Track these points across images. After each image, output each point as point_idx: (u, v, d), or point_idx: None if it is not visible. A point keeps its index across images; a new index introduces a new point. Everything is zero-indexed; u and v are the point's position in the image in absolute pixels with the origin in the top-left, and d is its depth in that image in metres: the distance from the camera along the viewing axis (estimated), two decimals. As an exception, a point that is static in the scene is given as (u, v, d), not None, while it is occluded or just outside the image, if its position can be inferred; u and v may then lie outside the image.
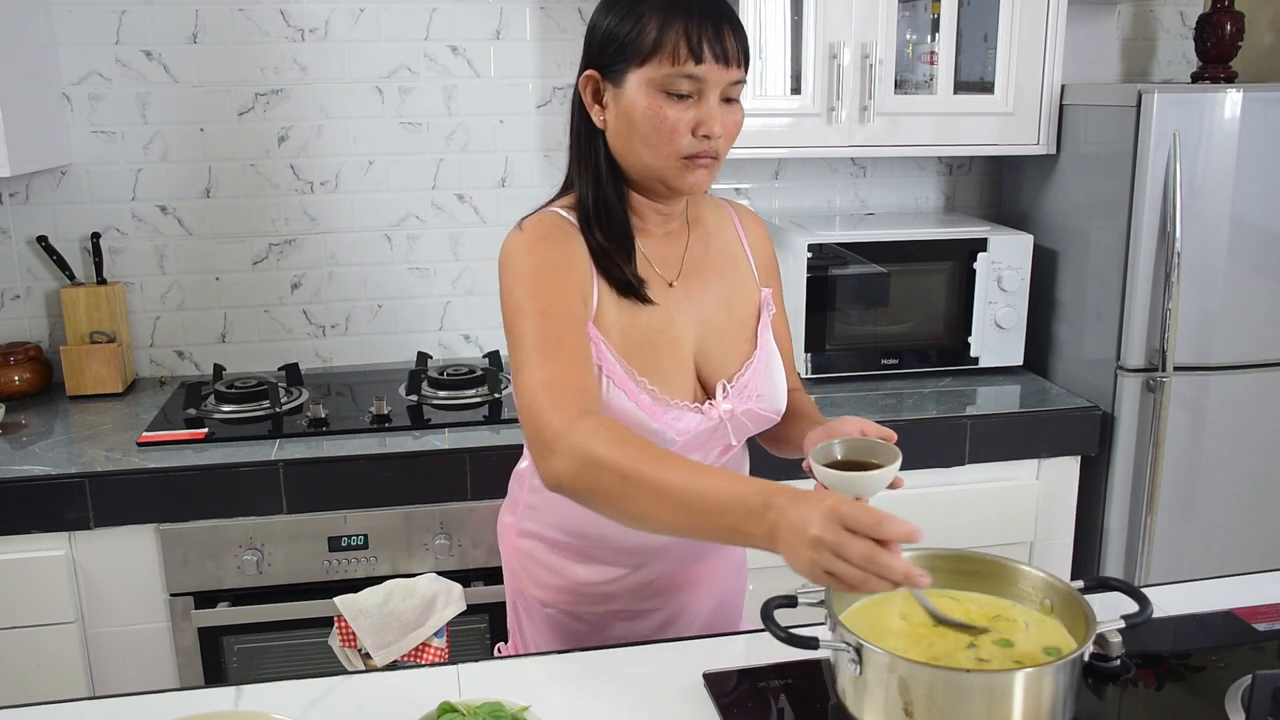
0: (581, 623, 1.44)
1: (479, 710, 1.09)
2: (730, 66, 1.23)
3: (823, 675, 1.21)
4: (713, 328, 1.37)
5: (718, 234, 1.43)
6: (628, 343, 1.29)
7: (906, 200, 2.81)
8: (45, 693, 1.90)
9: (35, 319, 2.47)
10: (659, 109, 1.22)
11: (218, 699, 1.23)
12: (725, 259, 1.42)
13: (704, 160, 1.25)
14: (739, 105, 1.28)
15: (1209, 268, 2.25)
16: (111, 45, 2.37)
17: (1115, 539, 2.37)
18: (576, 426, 1.12)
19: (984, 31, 2.46)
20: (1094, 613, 1.10)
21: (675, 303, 1.34)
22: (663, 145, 1.24)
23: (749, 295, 1.42)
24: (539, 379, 1.18)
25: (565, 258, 1.27)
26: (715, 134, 1.23)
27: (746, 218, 1.48)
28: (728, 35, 1.22)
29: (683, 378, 1.33)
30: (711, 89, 1.23)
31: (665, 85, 1.22)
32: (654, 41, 1.21)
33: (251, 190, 2.49)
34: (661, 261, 1.36)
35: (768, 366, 1.39)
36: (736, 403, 1.34)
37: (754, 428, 1.40)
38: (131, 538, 1.98)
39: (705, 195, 1.45)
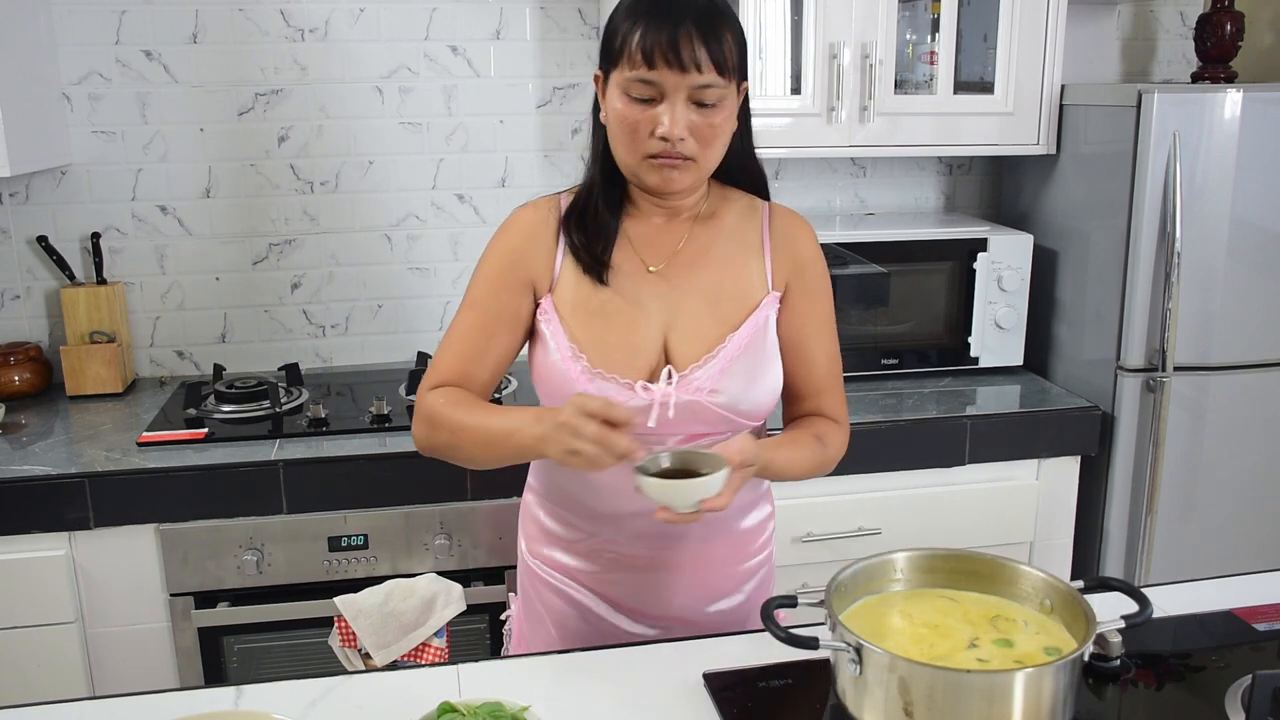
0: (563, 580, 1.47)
1: (479, 710, 1.10)
2: (688, 72, 1.25)
3: (823, 675, 1.21)
4: (687, 317, 1.38)
5: (732, 232, 1.43)
6: (580, 313, 1.37)
7: (906, 200, 2.81)
8: (45, 693, 1.89)
9: (35, 319, 2.47)
10: (624, 111, 1.29)
11: (218, 699, 1.23)
12: (731, 255, 1.42)
13: (670, 160, 1.30)
14: (719, 108, 1.30)
15: (1209, 268, 2.25)
16: (111, 45, 2.37)
17: (1115, 539, 2.37)
18: (426, 398, 1.37)
19: (984, 31, 2.46)
20: (1094, 613, 1.10)
21: (648, 288, 1.38)
22: (628, 145, 1.31)
23: (746, 293, 1.41)
24: (435, 364, 1.41)
25: (521, 251, 1.40)
26: (673, 136, 1.27)
27: (781, 221, 1.46)
28: (685, 42, 1.24)
29: (628, 355, 1.35)
30: (671, 93, 1.27)
31: (627, 89, 1.29)
32: (620, 46, 1.29)
33: (251, 190, 2.49)
34: (649, 248, 1.40)
35: (736, 363, 1.36)
36: (680, 391, 1.34)
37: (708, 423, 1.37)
38: (131, 538, 1.98)
39: (743, 196, 1.46)
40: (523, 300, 1.40)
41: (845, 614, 1.18)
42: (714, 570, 1.47)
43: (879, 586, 1.24)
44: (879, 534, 2.21)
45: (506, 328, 1.40)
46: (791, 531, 2.19)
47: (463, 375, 1.39)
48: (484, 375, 1.40)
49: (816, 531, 2.20)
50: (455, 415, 1.34)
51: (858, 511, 2.22)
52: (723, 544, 1.47)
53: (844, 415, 1.50)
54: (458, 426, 1.33)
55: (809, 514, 2.19)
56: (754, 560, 1.51)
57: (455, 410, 1.34)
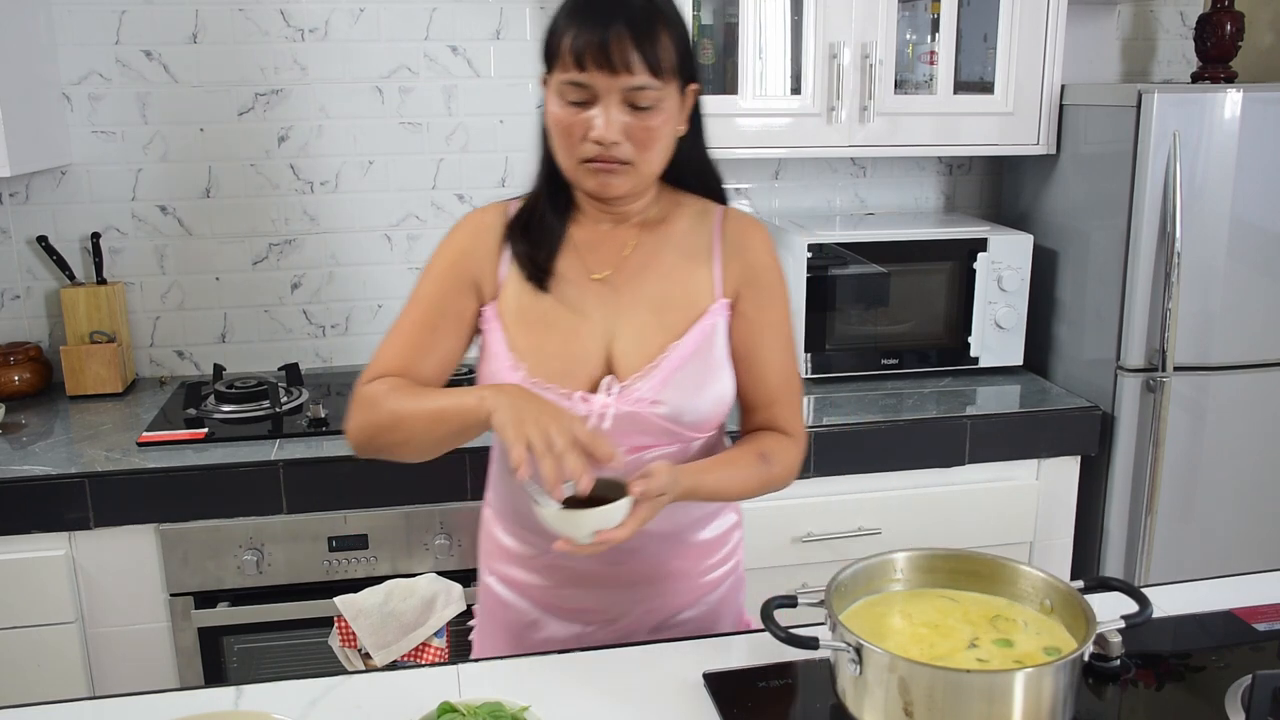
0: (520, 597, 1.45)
1: (479, 710, 1.10)
2: (619, 74, 1.22)
3: (823, 675, 1.21)
4: (631, 326, 1.35)
5: (682, 238, 1.39)
6: (521, 321, 1.35)
7: (906, 200, 2.81)
8: (45, 693, 1.89)
9: (35, 319, 2.47)
10: (559, 114, 1.27)
11: (218, 699, 1.23)
12: (679, 262, 1.38)
13: (606, 165, 1.27)
14: (656, 111, 1.26)
15: (1209, 268, 2.25)
16: (111, 45, 2.37)
17: (1115, 539, 2.37)
18: (364, 389, 1.33)
19: (984, 31, 2.46)
20: (1094, 613, 1.10)
21: (592, 295, 1.35)
22: (565, 149, 1.29)
23: (693, 301, 1.37)
24: (376, 359, 1.36)
25: (469, 253, 1.38)
26: (605, 140, 1.24)
27: (735, 226, 1.41)
28: (617, 43, 1.22)
29: (568, 364, 1.33)
30: (604, 95, 1.24)
31: (562, 91, 1.27)
32: (554, 48, 1.27)
33: (251, 190, 2.49)
34: (595, 254, 1.37)
35: (679, 373, 1.33)
36: (620, 402, 1.32)
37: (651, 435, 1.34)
38: (131, 538, 1.98)
39: (697, 200, 1.41)
40: (468, 301, 1.37)
41: (845, 614, 1.18)
42: (672, 583, 1.44)
43: (879, 586, 1.24)
44: (879, 534, 2.21)
45: (452, 327, 1.37)
46: (791, 531, 2.19)
47: (404, 369, 1.35)
48: (427, 372, 1.36)
49: (816, 531, 2.20)
50: (399, 400, 1.29)
51: (858, 511, 2.22)
52: (681, 556, 1.44)
53: (798, 428, 1.44)
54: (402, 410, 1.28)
55: (809, 514, 2.19)
56: (717, 572, 1.48)
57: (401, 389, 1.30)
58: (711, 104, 2.31)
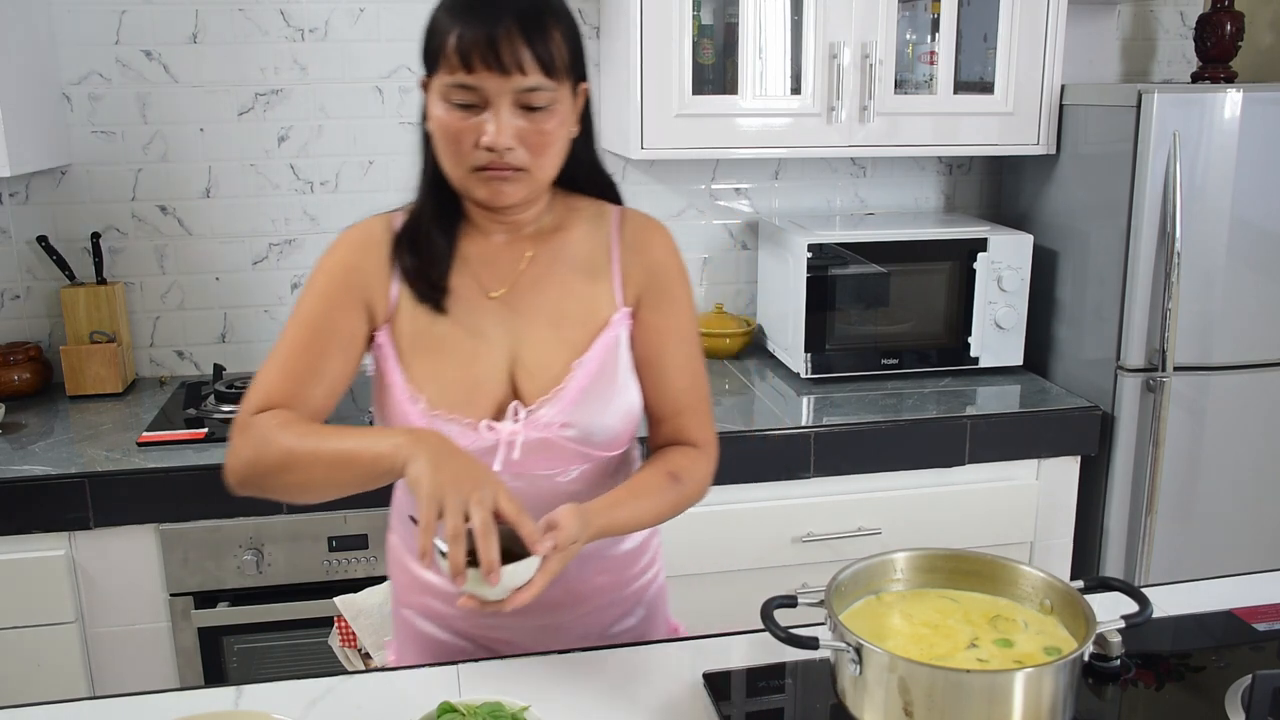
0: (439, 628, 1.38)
1: (479, 710, 1.10)
2: (510, 75, 1.14)
3: (823, 675, 1.21)
4: (532, 345, 1.27)
5: (579, 245, 1.31)
6: (416, 348, 1.26)
7: (906, 200, 2.81)
8: (45, 693, 1.89)
9: (35, 319, 2.47)
10: (445, 119, 1.19)
11: (218, 699, 1.23)
12: (577, 272, 1.30)
13: (499, 172, 1.18)
14: (550, 113, 1.18)
15: (1209, 268, 2.25)
16: (111, 45, 2.37)
17: (1115, 539, 2.37)
18: (252, 421, 1.20)
19: (984, 31, 2.46)
20: (1094, 613, 1.10)
21: (489, 315, 1.27)
22: (453, 157, 1.20)
23: (593, 313, 1.29)
24: (259, 384, 1.23)
25: (355, 269, 1.26)
26: (499, 145, 1.16)
27: (633, 228, 1.33)
28: (506, 42, 1.14)
29: (470, 392, 1.25)
30: (495, 98, 1.16)
31: (447, 95, 1.18)
32: (436, 49, 1.18)
33: (251, 190, 2.49)
34: (489, 270, 1.29)
35: (586, 393, 1.26)
36: (529, 429, 1.24)
37: (562, 459, 1.28)
38: (131, 538, 1.98)
39: (592, 203, 1.34)
40: (358, 321, 1.26)
41: (845, 614, 1.18)
42: (600, 599, 1.38)
43: (879, 586, 1.24)
44: (879, 534, 2.21)
45: (340, 349, 1.25)
46: (791, 531, 2.19)
47: (291, 397, 1.21)
48: (316, 401, 1.23)
49: (816, 531, 2.20)
50: (293, 429, 1.17)
51: (858, 511, 2.22)
52: (604, 571, 1.38)
53: (708, 437, 1.36)
54: (298, 450, 1.15)
55: (809, 514, 2.19)
56: (642, 580, 1.43)
57: (293, 426, 1.18)
58: (711, 104, 2.33)
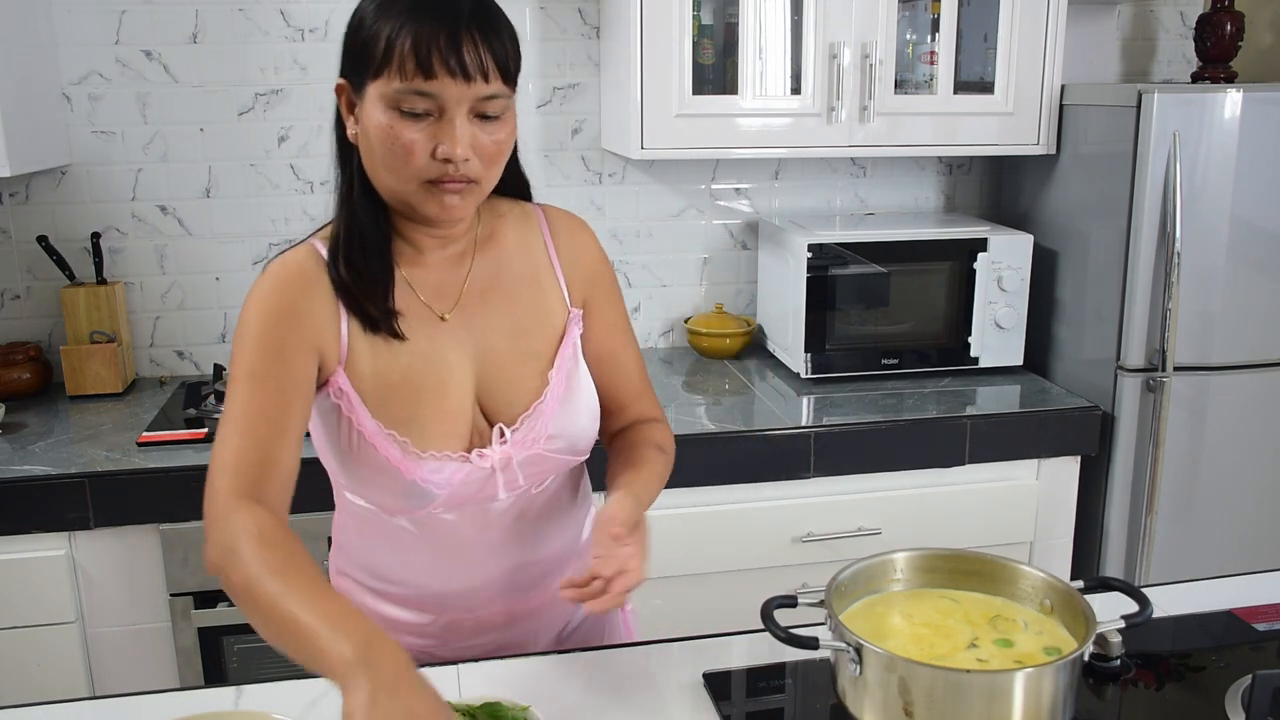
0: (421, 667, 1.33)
1: (479, 710, 1.10)
2: (472, 82, 1.08)
3: (823, 675, 1.21)
4: (495, 362, 1.23)
5: (517, 252, 1.28)
6: (382, 388, 1.19)
7: (906, 200, 2.81)
8: (45, 693, 1.90)
9: (35, 319, 2.47)
10: (392, 129, 1.09)
11: (218, 699, 1.23)
12: (522, 281, 1.27)
13: (453, 185, 1.11)
14: (500, 122, 1.14)
15: (1209, 268, 2.25)
16: (111, 45, 2.37)
17: (1115, 539, 2.37)
18: (232, 517, 1.05)
19: (984, 31, 2.46)
20: (1094, 613, 1.10)
21: (447, 339, 1.21)
22: (400, 169, 1.11)
23: (548, 320, 1.27)
24: (226, 454, 1.10)
25: (297, 309, 1.15)
26: (456, 156, 1.09)
27: (561, 227, 1.31)
28: (468, 46, 1.07)
29: (449, 424, 1.20)
30: (452, 106, 1.09)
31: (397, 102, 1.08)
32: (383, 52, 1.08)
33: (251, 190, 2.49)
34: (434, 292, 1.22)
35: (565, 403, 1.25)
36: (517, 449, 1.22)
37: (550, 472, 1.28)
38: (131, 538, 1.97)
39: (514, 205, 1.31)
40: (309, 365, 1.15)
41: (845, 614, 1.18)
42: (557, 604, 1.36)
43: (879, 586, 1.24)
44: (879, 534, 2.21)
45: (300, 398, 1.14)
46: (791, 531, 2.19)
47: (262, 466, 1.10)
48: (285, 459, 1.12)
49: (816, 531, 2.20)
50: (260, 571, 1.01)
51: (858, 511, 2.22)
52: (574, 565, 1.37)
53: (660, 410, 1.41)
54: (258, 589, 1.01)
55: (809, 514, 2.19)
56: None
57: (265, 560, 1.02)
58: (711, 104, 2.33)
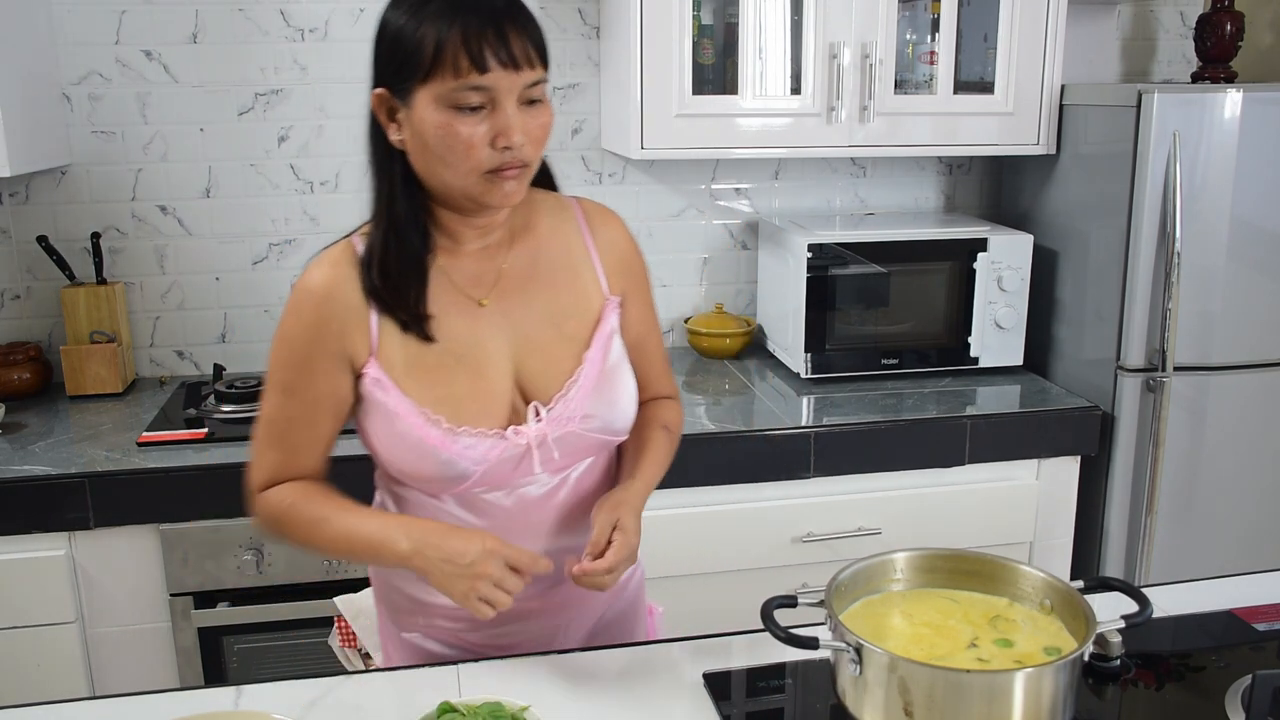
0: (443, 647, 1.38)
1: (479, 710, 1.10)
2: (521, 70, 1.15)
3: (823, 675, 1.21)
4: (534, 345, 1.29)
5: (553, 240, 1.33)
6: (417, 370, 1.25)
7: (906, 200, 2.81)
8: (45, 693, 1.89)
9: (35, 319, 2.47)
10: (450, 126, 1.15)
11: (218, 699, 1.23)
12: (559, 268, 1.32)
13: (510, 172, 1.18)
14: (544, 105, 1.20)
15: (1209, 268, 2.25)
16: (111, 45, 2.37)
17: (1115, 539, 2.37)
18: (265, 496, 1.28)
19: (984, 31, 2.46)
20: (1094, 613, 1.10)
21: (484, 323, 1.27)
22: (461, 163, 1.16)
23: (586, 306, 1.32)
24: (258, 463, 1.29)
25: (324, 323, 1.25)
26: (516, 143, 1.16)
27: (596, 217, 1.37)
28: (513, 37, 1.14)
29: (485, 403, 1.26)
30: (504, 96, 1.15)
31: (453, 100, 1.14)
32: (433, 55, 1.13)
33: (251, 190, 2.49)
34: (473, 280, 1.28)
35: (599, 384, 1.29)
36: (552, 426, 1.26)
37: (587, 451, 1.32)
38: (131, 538, 1.97)
39: (546, 195, 1.36)
40: (342, 379, 1.25)
41: (845, 614, 1.18)
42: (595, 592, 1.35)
43: (879, 586, 1.24)
44: (879, 534, 2.21)
45: (329, 414, 1.27)
46: (791, 531, 2.19)
47: (290, 471, 1.29)
48: (314, 464, 1.30)
49: (816, 531, 2.20)
50: (307, 514, 1.25)
51: (858, 511, 2.22)
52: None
53: (676, 388, 1.48)
54: (311, 525, 1.25)
55: (809, 514, 2.19)
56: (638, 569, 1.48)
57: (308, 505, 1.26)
58: (711, 104, 2.33)
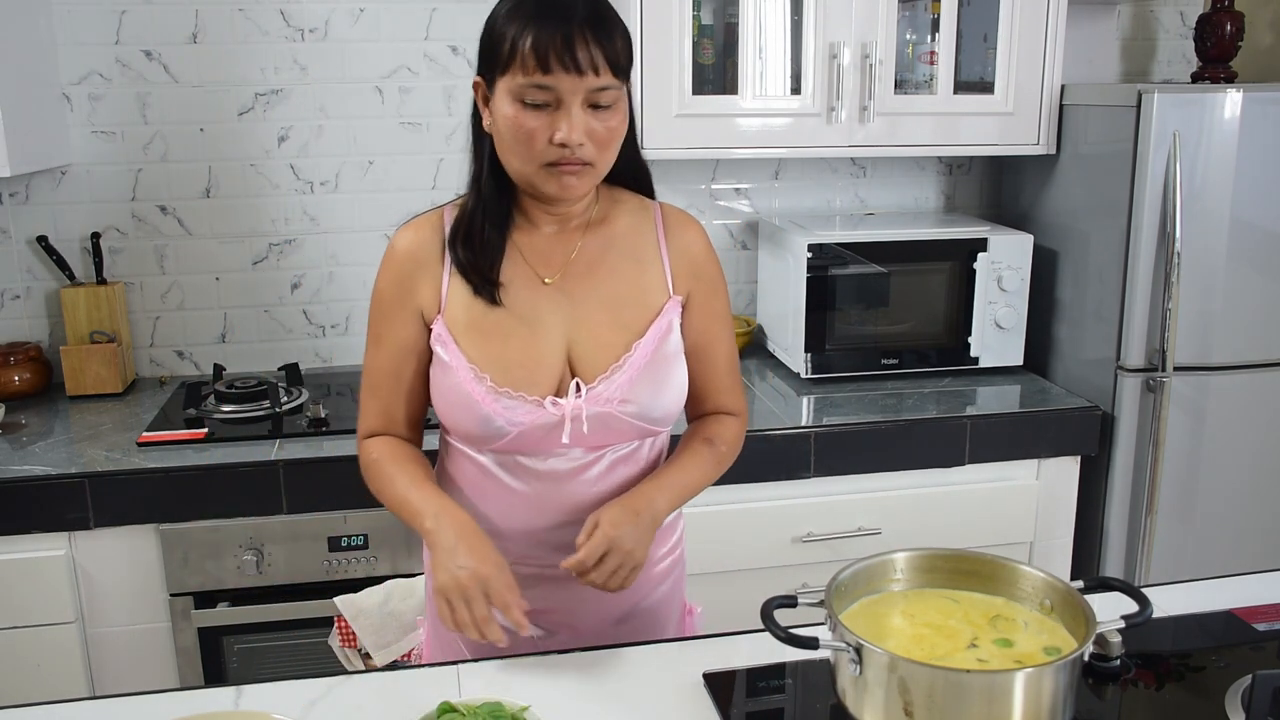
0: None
1: (479, 710, 1.10)
2: (585, 75, 1.22)
3: (823, 675, 1.21)
4: (589, 326, 1.36)
5: (628, 235, 1.41)
6: (474, 332, 1.34)
7: (906, 200, 2.81)
8: (45, 693, 1.90)
9: (35, 319, 2.47)
10: (518, 118, 1.25)
11: (218, 699, 1.23)
12: (627, 260, 1.39)
13: (570, 167, 1.26)
14: (613, 110, 1.27)
15: (1209, 268, 2.25)
16: (111, 45, 2.37)
17: (1115, 539, 2.37)
18: (364, 445, 1.43)
19: (984, 31, 2.46)
20: (1094, 613, 1.10)
21: (544, 300, 1.36)
22: (524, 153, 1.27)
23: (647, 299, 1.39)
24: (363, 408, 1.44)
25: (404, 281, 1.37)
26: (573, 142, 1.24)
27: (674, 220, 1.44)
28: (581, 44, 1.22)
29: (532, 370, 1.33)
30: (568, 97, 1.23)
31: (521, 95, 1.24)
32: (509, 52, 1.24)
33: (251, 190, 2.49)
34: (541, 259, 1.37)
35: (645, 372, 1.35)
36: (589, 404, 1.33)
37: (620, 435, 1.37)
38: (131, 538, 1.98)
39: (633, 196, 1.44)
40: (417, 330, 1.38)
41: (845, 614, 1.18)
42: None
43: (879, 586, 1.24)
44: (879, 534, 2.21)
45: (413, 359, 1.39)
46: (791, 531, 2.19)
47: (387, 418, 1.41)
48: (408, 410, 1.41)
49: (816, 531, 2.20)
50: (384, 471, 1.38)
51: (858, 511, 2.22)
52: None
53: (742, 406, 1.50)
54: (384, 480, 1.38)
55: (809, 514, 2.19)
56: (667, 560, 1.48)
57: (388, 465, 1.38)
58: (711, 104, 2.33)
